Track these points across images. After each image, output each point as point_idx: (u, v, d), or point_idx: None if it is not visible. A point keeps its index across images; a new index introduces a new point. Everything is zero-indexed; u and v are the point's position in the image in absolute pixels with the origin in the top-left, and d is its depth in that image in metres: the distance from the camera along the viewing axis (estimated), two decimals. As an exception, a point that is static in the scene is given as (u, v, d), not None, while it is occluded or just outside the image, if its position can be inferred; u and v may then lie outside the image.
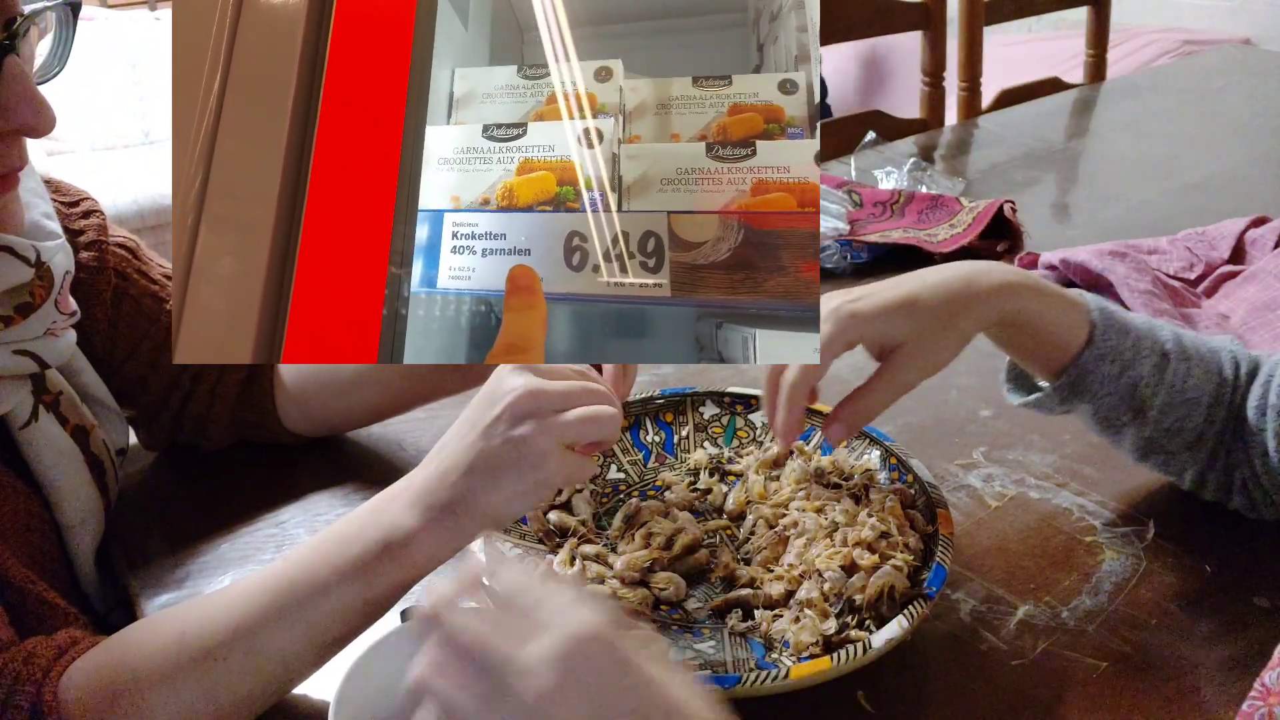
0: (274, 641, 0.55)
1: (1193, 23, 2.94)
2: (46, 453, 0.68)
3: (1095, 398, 0.67)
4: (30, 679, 0.53)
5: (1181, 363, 0.67)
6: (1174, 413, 0.67)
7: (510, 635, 0.41)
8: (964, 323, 0.63)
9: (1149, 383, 0.66)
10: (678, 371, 0.98)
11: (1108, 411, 0.68)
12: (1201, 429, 0.68)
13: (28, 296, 0.63)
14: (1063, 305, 0.66)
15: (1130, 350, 0.66)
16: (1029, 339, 0.67)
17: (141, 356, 0.78)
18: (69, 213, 0.74)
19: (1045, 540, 0.72)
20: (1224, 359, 0.68)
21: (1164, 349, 0.67)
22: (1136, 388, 0.66)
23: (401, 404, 0.84)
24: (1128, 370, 0.66)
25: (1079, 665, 0.61)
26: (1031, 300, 0.65)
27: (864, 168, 1.43)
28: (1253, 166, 1.44)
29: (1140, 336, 0.66)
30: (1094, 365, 0.65)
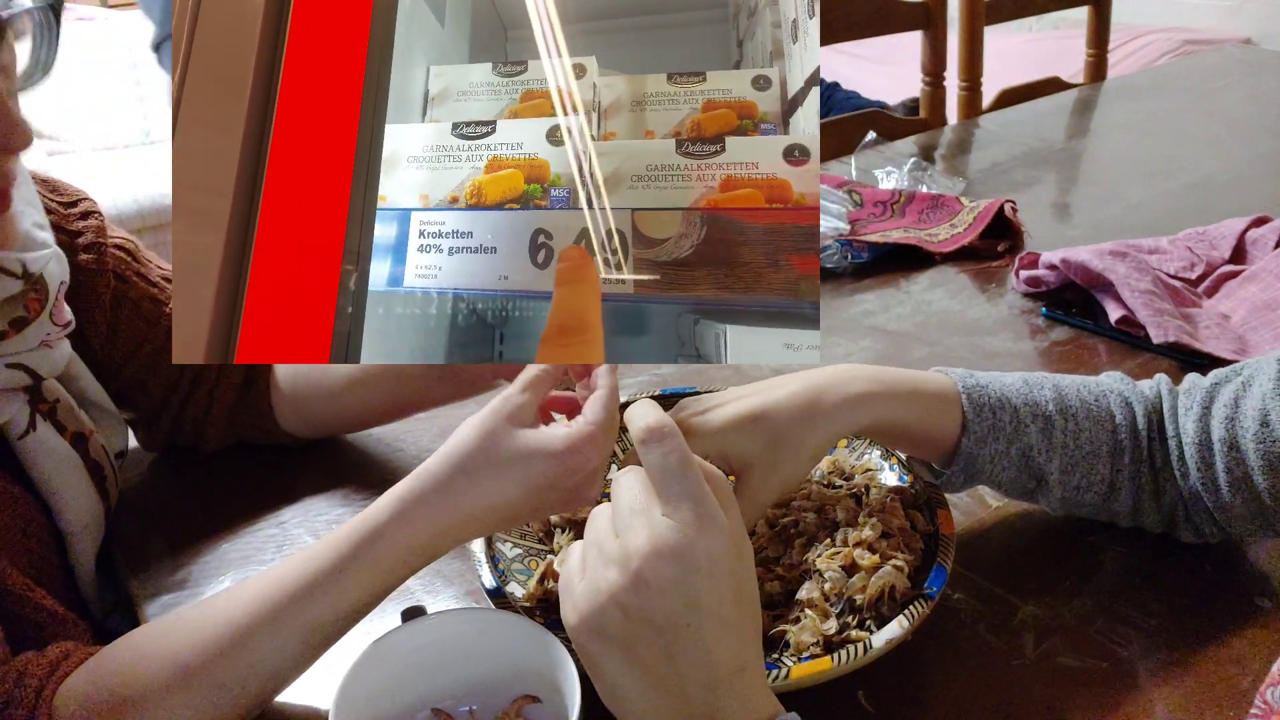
0: (271, 651, 0.55)
1: (1193, 22, 2.94)
2: (45, 461, 0.67)
3: (991, 476, 0.65)
4: (23, 701, 0.52)
5: (1068, 420, 0.65)
6: (1076, 471, 0.65)
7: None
8: (812, 440, 0.60)
9: (1039, 449, 0.64)
10: (678, 371, 0.98)
11: (1010, 484, 0.66)
12: (1110, 478, 0.66)
13: (22, 310, 0.62)
14: (925, 403, 0.63)
15: (1010, 423, 0.64)
16: (901, 442, 0.66)
17: (140, 360, 0.78)
18: (67, 214, 0.74)
19: (1046, 540, 0.72)
20: (1113, 403, 0.66)
21: (1046, 412, 0.65)
22: (1029, 457, 0.65)
23: (395, 409, 0.84)
24: (1014, 443, 0.64)
25: (1079, 665, 0.61)
26: (888, 409, 0.62)
27: (864, 167, 1.43)
28: (1253, 166, 1.44)
29: (1018, 407, 0.65)
30: (977, 449, 0.64)
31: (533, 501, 0.56)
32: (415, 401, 0.82)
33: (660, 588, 0.45)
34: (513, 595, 0.63)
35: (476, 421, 0.57)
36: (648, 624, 0.46)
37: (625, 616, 0.46)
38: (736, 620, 0.47)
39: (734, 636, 0.47)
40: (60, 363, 0.68)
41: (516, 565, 0.67)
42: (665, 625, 0.45)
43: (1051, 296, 1.07)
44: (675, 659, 0.46)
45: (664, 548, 0.46)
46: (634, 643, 0.46)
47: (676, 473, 0.48)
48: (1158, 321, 0.94)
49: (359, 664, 0.53)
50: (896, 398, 0.63)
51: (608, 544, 0.48)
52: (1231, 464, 0.63)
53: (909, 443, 0.66)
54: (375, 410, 0.84)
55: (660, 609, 0.45)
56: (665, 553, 0.46)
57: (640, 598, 0.45)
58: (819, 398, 0.61)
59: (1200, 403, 0.65)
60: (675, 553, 0.46)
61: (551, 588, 0.64)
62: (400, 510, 0.55)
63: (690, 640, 0.45)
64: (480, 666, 0.56)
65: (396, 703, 0.55)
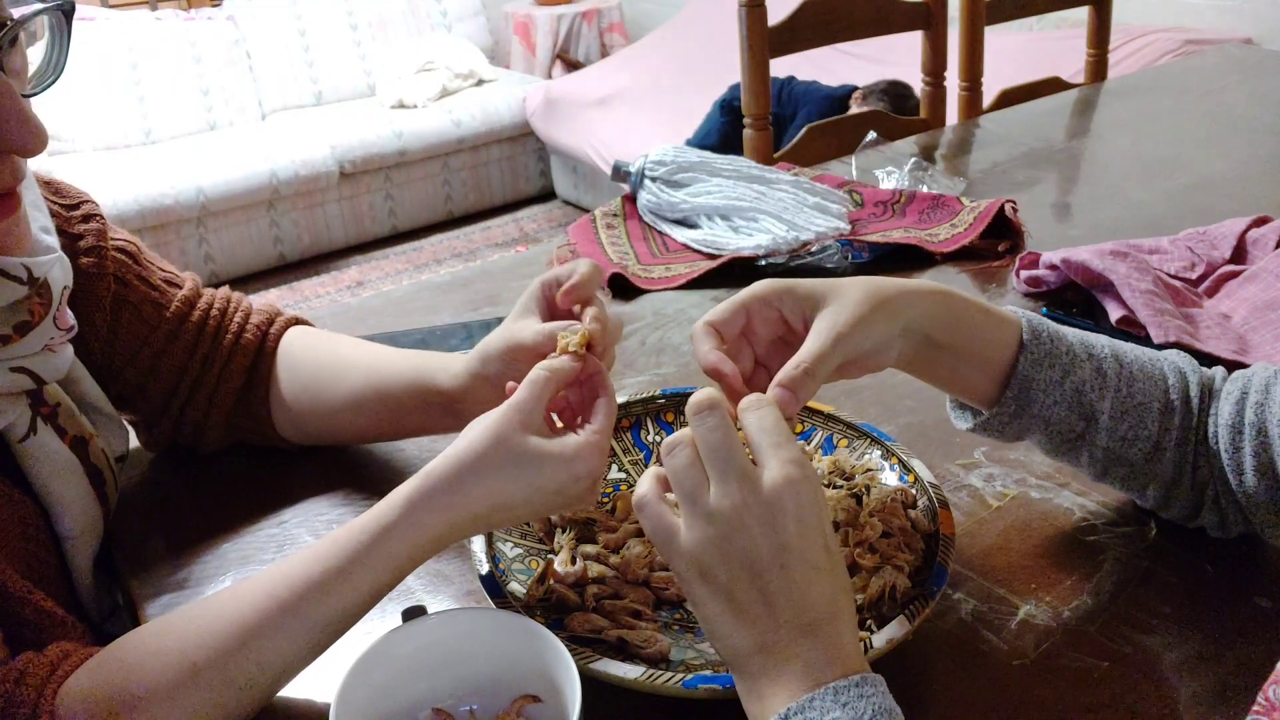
0: (278, 653, 0.55)
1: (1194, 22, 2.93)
2: (45, 465, 0.67)
3: (1043, 409, 0.65)
4: (24, 701, 0.52)
5: (1122, 367, 0.65)
6: (1126, 419, 0.65)
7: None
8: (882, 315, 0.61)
9: (1093, 385, 0.64)
10: (679, 371, 0.98)
11: (1059, 423, 0.65)
12: (1157, 437, 0.65)
13: (26, 315, 0.62)
14: (984, 315, 0.64)
15: (1066, 355, 0.64)
16: (955, 356, 0.65)
17: (141, 363, 0.78)
18: (69, 216, 0.74)
19: (1046, 540, 0.72)
20: (1166, 366, 0.67)
21: (1101, 354, 0.65)
22: (1081, 393, 0.64)
23: (387, 435, 0.84)
24: (1069, 375, 0.64)
25: (1080, 665, 0.61)
26: (948, 306, 0.63)
27: (865, 167, 1.43)
28: (1254, 166, 1.44)
29: (1073, 343, 0.65)
30: (1033, 372, 0.64)
31: (538, 502, 0.58)
32: (411, 429, 0.81)
33: (754, 533, 0.50)
34: (513, 595, 0.63)
35: (487, 425, 0.57)
36: (745, 568, 0.50)
37: (725, 561, 0.50)
38: (827, 566, 0.51)
39: (825, 582, 0.50)
40: (63, 367, 0.68)
41: (517, 565, 0.67)
42: (760, 568, 0.50)
43: (1052, 296, 1.07)
44: (770, 600, 0.50)
45: (756, 497, 0.50)
46: (733, 585, 0.50)
47: (771, 430, 0.53)
48: (1158, 321, 0.94)
49: (359, 664, 0.53)
50: (956, 299, 0.64)
51: (700, 497, 0.51)
52: (1258, 449, 0.63)
53: (963, 357, 0.64)
54: (370, 432, 0.84)
55: (755, 553, 0.50)
56: (756, 502, 0.50)
57: (737, 544, 0.50)
58: (884, 284, 0.62)
59: (1240, 387, 0.66)
60: (767, 501, 0.50)
61: (551, 587, 0.64)
62: (410, 510, 0.56)
63: (783, 582, 0.49)
64: (480, 666, 0.56)
65: (397, 702, 0.55)
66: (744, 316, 0.62)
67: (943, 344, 0.64)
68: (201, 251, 3.67)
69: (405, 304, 1.16)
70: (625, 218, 1.32)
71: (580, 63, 4.65)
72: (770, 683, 0.49)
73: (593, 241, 1.26)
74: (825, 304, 0.60)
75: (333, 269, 3.89)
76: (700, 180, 1.27)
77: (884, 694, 0.48)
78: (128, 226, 3.36)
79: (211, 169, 3.62)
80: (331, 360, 0.81)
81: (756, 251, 1.17)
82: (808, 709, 0.47)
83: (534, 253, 1.33)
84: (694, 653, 0.61)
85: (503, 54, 4.84)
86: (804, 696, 0.48)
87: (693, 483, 0.52)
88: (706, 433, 0.52)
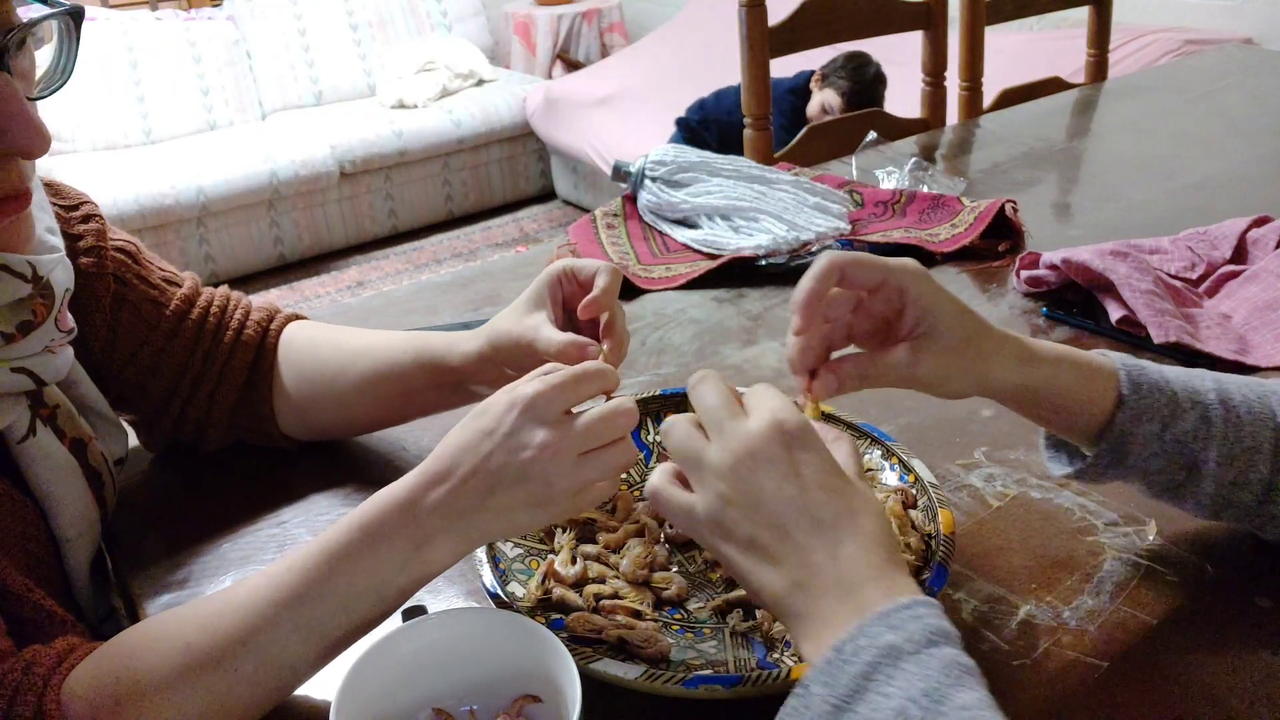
0: (284, 649, 0.55)
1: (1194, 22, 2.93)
2: (44, 466, 0.67)
3: (1140, 460, 0.62)
4: (31, 688, 0.53)
5: (1229, 412, 0.62)
6: (1234, 465, 0.62)
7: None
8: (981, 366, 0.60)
9: (1196, 434, 0.61)
10: (679, 371, 0.98)
11: (1159, 475, 0.63)
12: (1270, 479, 0.62)
13: (29, 314, 0.62)
14: (1080, 371, 0.62)
15: (1168, 406, 0.61)
16: (1051, 410, 0.63)
17: (140, 362, 0.78)
18: (68, 217, 0.74)
19: (1047, 540, 0.72)
20: (1274, 402, 0.63)
21: (1206, 400, 0.62)
22: (1183, 444, 0.62)
23: (397, 418, 0.84)
24: (1170, 426, 0.61)
25: (1080, 665, 0.61)
26: (1044, 371, 0.61)
27: (865, 167, 1.43)
28: (1254, 166, 1.44)
29: (1176, 391, 0.62)
30: (1131, 427, 0.61)
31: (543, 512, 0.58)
32: (421, 409, 0.82)
33: (758, 475, 0.51)
34: (513, 595, 0.63)
35: None
36: (757, 509, 0.50)
37: (739, 511, 0.51)
38: (840, 485, 0.51)
39: (840, 500, 0.50)
40: (63, 369, 0.68)
41: (517, 565, 0.67)
42: (772, 506, 0.50)
43: (1052, 296, 1.07)
44: (789, 532, 0.50)
45: (749, 440, 0.51)
46: (754, 532, 0.51)
47: (760, 391, 0.55)
48: (1159, 321, 0.94)
49: (359, 664, 0.53)
50: (1052, 362, 0.62)
51: (702, 460, 0.53)
52: None
53: (1060, 412, 0.63)
54: (380, 419, 0.84)
55: (762, 493, 0.50)
56: (751, 445, 0.51)
57: (744, 490, 0.51)
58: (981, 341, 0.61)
59: None
60: (760, 441, 0.51)
61: (551, 587, 0.64)
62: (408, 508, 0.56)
63: (796, 512, 0.50)
64: (480, 666, 0.56)
65: (397, 703, 0.55)
66: (880, 279, 0.59)
67: (1029, 407, 0.63)
68: (202, 251, 3.67)
69: (405, 304, 1.16)
70: (625, 218, 1.32)
71: (580, 63, 4.65)
72: (814, 620, 0.48)
73: (593, 241, 1.26)
74: (935, 341, 0.59)
75: (333, 269, 3.89)
76: (700, 180, 1.27)
77: (938, 615, 0.47)
78: (128, 226, 3.36)
79: (212, 169, 3.62)
80: (337, 349, 0.82)
81: (757, 251, 1.17)
82: (858, 637, 0.46)
83: (534, 252, 1.33)
84: (694, 653, 0.61)
85: (503, 54, 4.84)
86: (853, 626, 0.46)
87: (693, 449, 0.53)
88: (699, 398, 0.55)
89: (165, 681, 0.53)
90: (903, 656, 0.44)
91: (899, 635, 0.45)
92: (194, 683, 0.53)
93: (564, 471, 0.55)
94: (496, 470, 0.55)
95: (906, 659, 0.44)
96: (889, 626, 0.45)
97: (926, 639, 0.45)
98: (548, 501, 0.56)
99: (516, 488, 0.55)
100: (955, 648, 0.46)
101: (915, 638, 0.45)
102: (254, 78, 4.17)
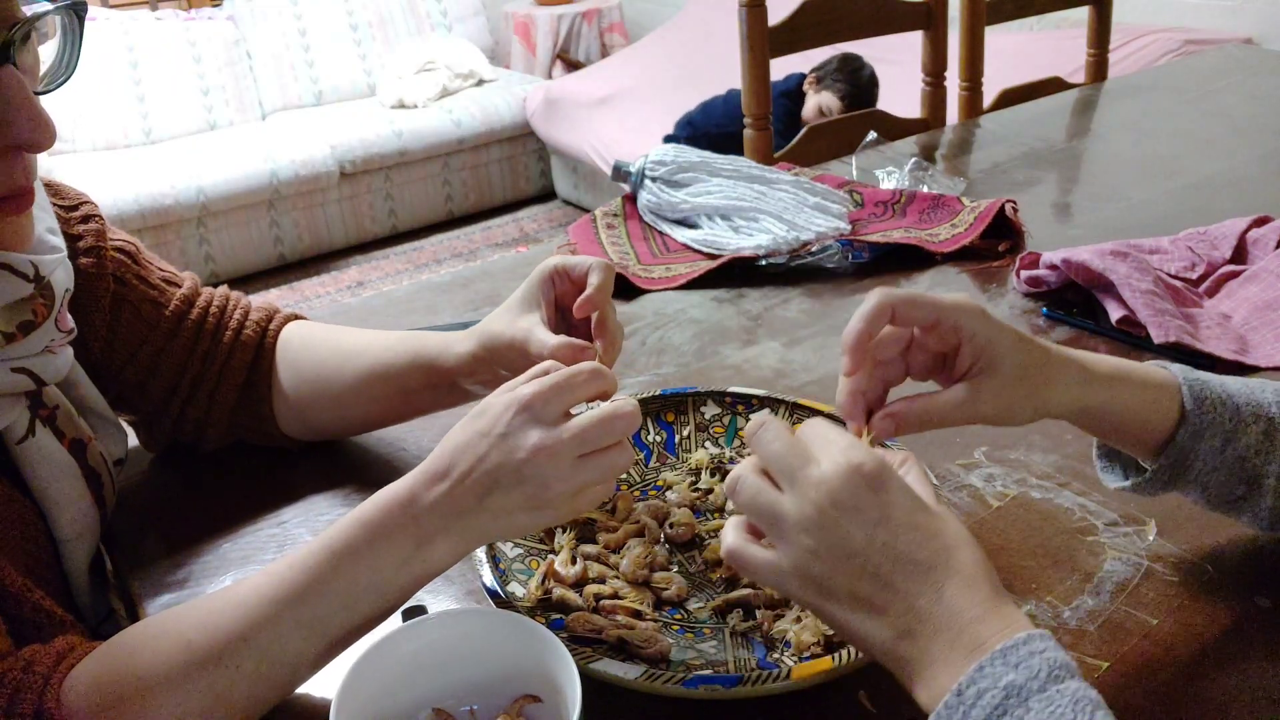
0: (285, 647, 0.55)
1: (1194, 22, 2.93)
2: (43, 467, 0.67)
3: (1200, 476, 0.62)
4: (31, 686, 0.53)
5: None
6: None
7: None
8: (1040, 395, 0.58)
9: (1259, 449, 0.61)
10: (679, 371, 0.98)
11: (1219, 489, 0.62)
12: None
13: (30, 314, 0.62)
14: (1141, 390, 0.61)
15: (1231, 421, 0.61)
16: (1112, 430, 0.62)
17: (140, 362, 0.78)
18: (68, 217, 0.74)
19: (1047, 540, 0.72)
20: None
21: (1270, 414, 0.61)
22: (1245, 459, 0.61)
23: (395, 418, 0.85)
24: (1232, 442, 0.61)
25: (1081, 665, 0.61)
26: (1105, 394, 0.60)
27: (865, 167, 1.43)
28: (1254, 166, 1.44)
29: (1240, 405, 0.61)
30: (1193, 444, 0.60)
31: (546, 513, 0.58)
32: (420, 408, 0.82)
33: (842, 524, 0.49)
34: (513, 595, 0.63)
35: None
36: (849, 560, 0.49)
37: (830, 565, 0.49)
38: (930, 522, 0.49)
39: (934, 539, 0.49)
40: (63, 369, 0.68)
41: (517, 565, 0.67)
42: (865, 554, 0.48)
43: (1052, 296, 1.07)
44: (888, 580, 0.48)
45: (828, 487, 0.49)
46: (851, 584, 0.49)
47: (822, 433, 0.53)
48: (1159, 321, 0.94)
49: (359, 664, 0.53)
50: (1112, 380, 0.60)
51: (780, 517, 0.50)
52: None
53: (1119, 431, 0.62)
54: (378, 418, 0.84)
55: (851, 542, 0.49)
56: (830, 491, 0.49)
57: (832, 542, 0.49)
58: (1042, 370, 0.59)
59: None
60: (839, 487, 0.49)
61: (551, 587, 0.64)
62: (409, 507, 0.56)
63: (889, 557, 0.48)
64: (480, 666, 0.56)
65: (397, 702, 0.55)
66: (934, 318, 0.57)
67: (1088, 425, 0.62)
68: (202, 251, 3.67)
69: (406, 304, 1.16)
70: (625, 218, 1.32)
71: (580, 63, 4.65)
72: (927, 665, 0.47)
73: (593, 241, 1.26)
74: (994, 376, 0.57)
75: (333, 269, 3.89)
76: (700, 180, 1.27)
77: (1055, 647, 0.45)
78: (128, 226, 3.36)
79: (212, 169, 3.62)
80: (333, 350, 0.82)
81: (757, 251, 1.17)
82: (978, 679, 0.44)
83: (534, 253, 1.33)
84: (694, 653, 0.61)
85: (503, 54, 4.84)
86: (972, 667, 0.45)
87: (769, 505, 0.51)
88: (765, 446, 0.52)
89: (166, 679, 0.53)
90: (1030, 696, 0.43)
91: (1022, 674, 0.44)
92: (195, 680, 0.53)
93: (561, 474, 0.55)
94: (493, 470, 0.55)
95: (1034, 698, 0.43)
96: (1010, 665, 0.44)
97: (1050, 674, 0.44)
98: (545, 504, 0.56)
99: (514, 489, 0.55)
100: (1078, 680, 0.44)
101: (1039, 674, 0.44)
102: (254, 78, 4.17)
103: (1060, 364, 0.59)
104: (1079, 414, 0.61)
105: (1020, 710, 0.43)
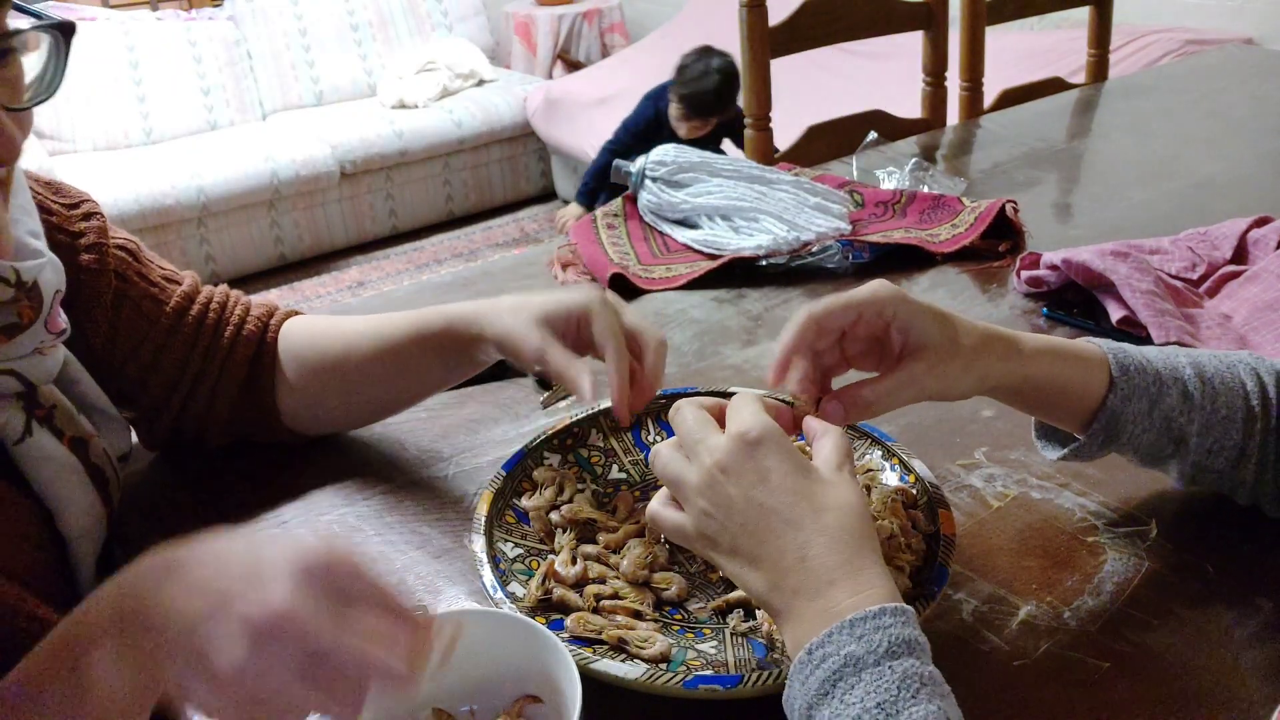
0: None
1: (1195, 22, 2.93)
2: (43, 467, 0.67)
3: (1131, 438, 0.67)
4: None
5: (1205, 385, 0.66)
6: (1212, 433, 0.66)
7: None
8: (975, 370, 0.63)
9: (1181, 409, 0.66)
10: (679, 372, 0.98)
11: (1149, 449, 0.68)
12: (1242, 444, 0.67)
13: (14, 317, 0.63)
14: (1073, 362, 0.65)
15: (1154, 385, 0.66)
16: (1046, 400, 0.67)
17: (141, 359, 0.78)
18: (69, 215, 0.74)
19: (1047, 540, 0.72)
20: (1242, 371, 0.68)
21: (1184, 375, 0.67)
22: (1170, 419, 0.66)
23: (403, 401, 0.86)
24: (1157, 404, 0.66)
25: (1081, 666, 0.61)
26: (1038, 366, 0.65)
27: (866, 168, 1.43)
28: (1255, 166, 1.44)
29: (1159, 370, 0.66)
30: (1122, 407, 0.65)
31: None
32: (424, 390, 0.84)
33: (728, 489, 0.54)
34: (513, 595, 0.63)
35: None
36: (731, 519, 0.54)
37: (718, 522, 0.54)
38: (804, 485, 0.53)
39: (804, 500, 0.53)
40: (54, 369, 0.68)
41: (517, 565, 0.67)
42: (744, 516, 0.53)
43: (1053, 297, 1.06)
44: (762, 538, 0.53)
45: (718, 456, 0.55)
46: (734, 540, 0.54)
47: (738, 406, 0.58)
48: (1159, 322, 0.94)
49: (359, 664, 0.53)
50: (1044, 353, 0.65)
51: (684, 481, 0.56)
52: None
53: (1057, 401, 0.67)
54: (386, 404, 0.85)
55: (733, 504, 0.54)
56: (720, 461, 0.55)
57: (718, 504, 0.54)
58: (979, 347, 0.63)
59: None
60: (728, 456, 0.54)
61: (551, 587, 0.64)
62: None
63: (762, 518, 0.53)
64: (480, 666, 0.56)
65: (397, 702, 0.55)
66: (855, 315, 0.62)
67: (1028, 398, 0.67)
68: (202, 251, 3.67)
69: (406, 304, 1.16)
70: (626, 218, 1.32)
71: (581, 63, 4.65)
72: (790, 619, 0.51)
73: (593, 242, 1.26)
74: (927, 355, 0.61)
75: (333, 269, 3.89)
76: (701, 180, 1.27)
77: (904, 624, 0.49)
78: (128, 226, 3.36)
79: (212, 169, 3.62)
80: (337, 337, 0.83)
81: (757, 251, 1.17)
82: (826, 644, 0.48)
83: (534, 252, 1.33)
84: (694, 653, 0.61)
85: (503, 54, 4.84)
86: (823, 632, 0.49)
87: (675, 472, 0.57)
88: (677, 423, 0.58)
89: None
90: (865, 668, 0.47)
91: (862, 646, 0.48)
92: None
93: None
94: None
95: (867, 670, 0.47)
96: (854, 637, 0.48)
97: (888, 650, 0.47)
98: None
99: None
100: (917, 659, 0.48)
101: (877, 649, 0.48)
102: (254, 78, 4.17)
103: (992, 337, 0.64)
104: (1020, 384, 0.65)
105: (854, 679, 0.47)
